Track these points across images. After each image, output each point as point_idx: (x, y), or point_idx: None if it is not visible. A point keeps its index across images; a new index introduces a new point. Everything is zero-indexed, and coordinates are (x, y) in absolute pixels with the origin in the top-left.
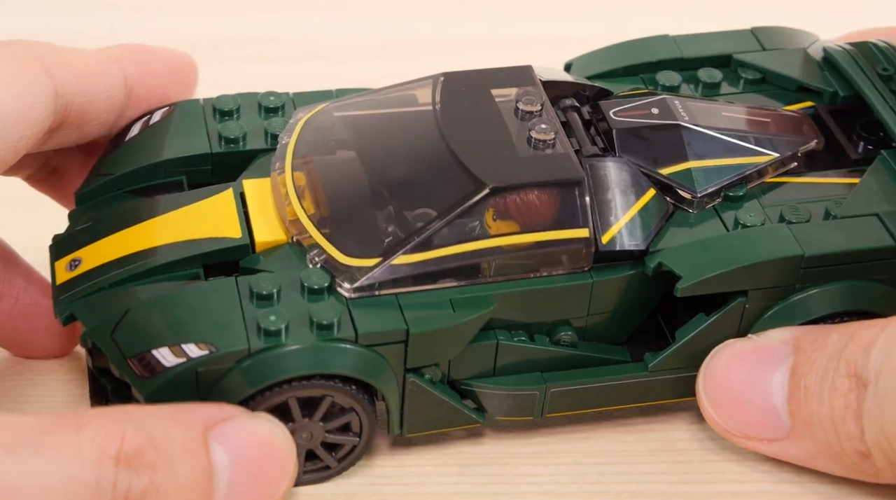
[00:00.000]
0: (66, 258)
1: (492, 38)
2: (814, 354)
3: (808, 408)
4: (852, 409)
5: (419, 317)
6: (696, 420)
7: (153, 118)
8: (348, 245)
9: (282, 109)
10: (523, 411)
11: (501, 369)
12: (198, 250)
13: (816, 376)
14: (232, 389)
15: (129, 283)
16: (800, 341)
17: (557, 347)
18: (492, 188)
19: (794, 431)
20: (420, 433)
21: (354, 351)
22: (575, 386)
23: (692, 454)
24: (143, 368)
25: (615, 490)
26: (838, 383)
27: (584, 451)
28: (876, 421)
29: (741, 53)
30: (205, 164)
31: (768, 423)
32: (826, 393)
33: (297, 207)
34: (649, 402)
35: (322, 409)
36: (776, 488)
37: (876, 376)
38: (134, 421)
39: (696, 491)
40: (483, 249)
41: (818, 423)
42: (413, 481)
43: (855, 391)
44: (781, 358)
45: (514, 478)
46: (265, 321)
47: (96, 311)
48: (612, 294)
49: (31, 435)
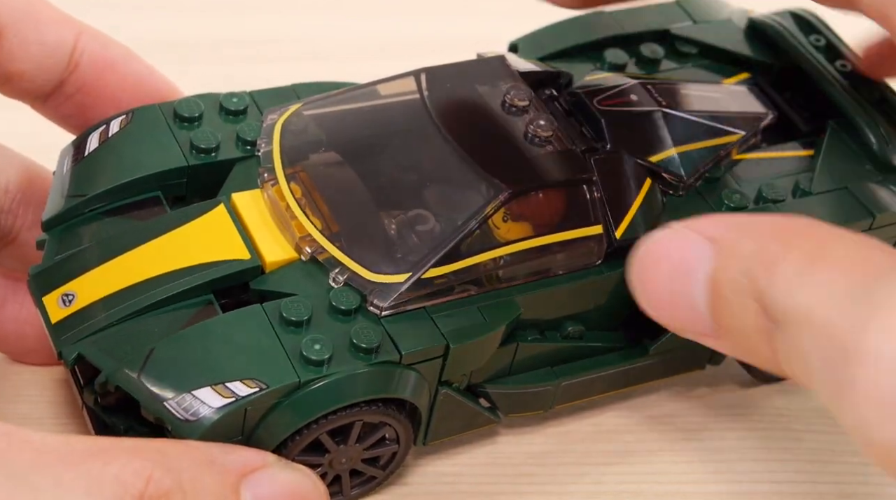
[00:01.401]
0: (56, 292)
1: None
2: (729, 261)
3: (726, 318)
4: (763, 335)
5: (455, 331)
6: (696, 420)
7: (111, 128)
8: (372, 261)
9: (245, 112)
10: (535, 406)
11: (516, 368)
12: (207, 277)
13: (730, 289)
14: (281, 424)
15: (138, 316)
16: (720, 241)
17: (567, 341)
18: (511, 192)
19: (718, 333)
20: (439, 439)
21: (402, 372)
22: (584, 378)
23: (692, 454)
24: (185, 411)
25: (615, 490)
26: (747, 304)
27: (584, 451)
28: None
29: (676, 27)
30: (180, 177)
31: (697, 321)
32: (739, 309)
33: (306, 222)
34: (647, 382)
35: (355, 434)
36: (776, 488)
37: (784, 316)
38: (165, 463)
39: (696, 491)
40: (506, 254)
41: (737, 333)
42: (412, 480)
43: (763, 317)
44: (702, 258)
45: (514, 478)
46: (310, 350)
47: (110, 351)
48: (622, 285)
49: (54, 462)
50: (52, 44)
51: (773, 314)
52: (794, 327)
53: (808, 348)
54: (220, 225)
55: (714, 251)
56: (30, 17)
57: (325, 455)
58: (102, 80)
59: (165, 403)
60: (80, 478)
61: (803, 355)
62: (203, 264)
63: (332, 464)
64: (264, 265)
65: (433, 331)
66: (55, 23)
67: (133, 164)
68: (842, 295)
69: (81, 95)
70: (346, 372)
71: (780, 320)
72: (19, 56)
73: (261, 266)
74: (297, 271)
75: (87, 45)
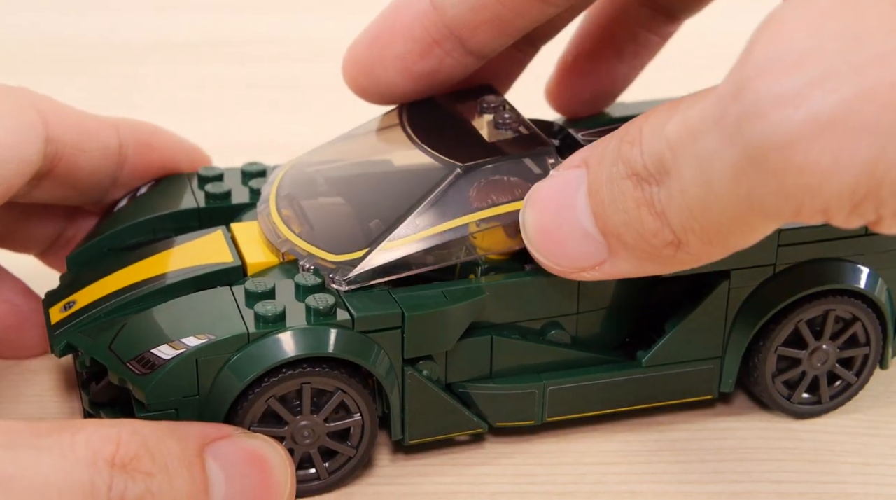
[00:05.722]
0: (60, 304)
1: None
2: (599, 166)
3: (610, 221)
4: (644, 205)
5: (414, 303)
6: (695, 420)
7: (140, 191)
8: (336, 246)
9: (262, 174)
10: (524, 414)
11: (498, 372)
12: (190, 275)
13: (607, 188)
14: (230, 381)
15: (125, 311)
16: (588, 159)
17: (551, 344)
18: (463, 168)
19: (611, 248)
20: (422, 439)
21: (352, 334)
22: (572, 384)
23: (692, 454)
24: (143, 366)
25: (615, 490)
26: (623, 186)
27: (584, 451)
28: (679, 208)
29: None
30: (193, 219)
31: (589, 249)
32: (618, 200)
33: (285, 229)
34: (649, 403)
35: (307, 400)
36: (776, 488)
37: (657, 166)
38: (129, 428)
39: (696, 491)
40: (463, 225)
41: (623, 231)
42: (412, 481)
43: (640, 188)
44: (578, 182)
45: (514, 478)
46: (262, 309)
47: (93, 336)
48: (601, 288)
49: (27, 436)
50: (103, 148)
51: (650, 171)
52: (672, 156)
53: (695, 153)
54: (214, 242)
55: (586, 170)
56: (81, 131)
57: (285, 427)
58: (147, 160)
59: (127, 363)
60: (53, 445)
61: (695, 164)
62: (188, 267)
63: (296, 438)
64: (246, 268)
65: (390, 302)
66: (100, 129)
67: (150, 209)
68: (707, 92)
69: (134, 180)
70: (292, 328)
71: (658, 169)
72: (82, 166)
73: (242, 268)
74: (274, 272)
75: (126, 136)
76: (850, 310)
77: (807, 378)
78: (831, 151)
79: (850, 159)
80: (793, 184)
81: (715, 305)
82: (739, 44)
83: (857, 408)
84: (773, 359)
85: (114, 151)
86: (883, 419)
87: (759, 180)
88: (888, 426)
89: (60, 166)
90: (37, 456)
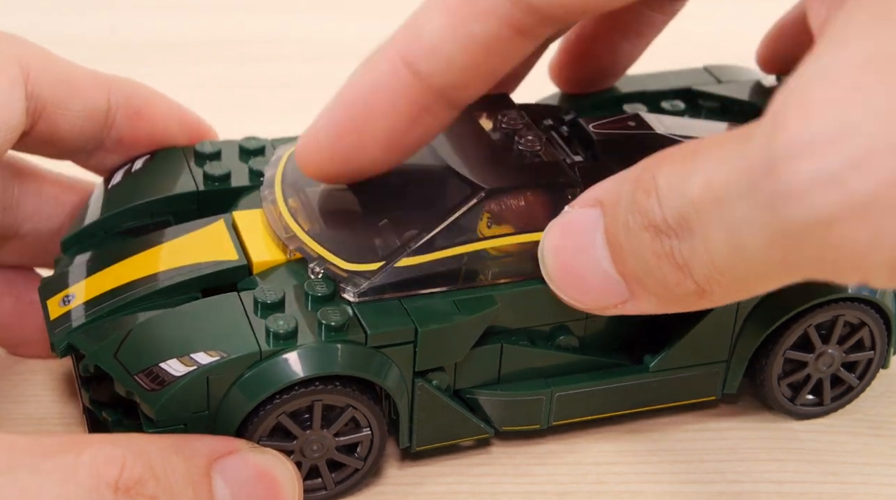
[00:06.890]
0: (58, 296)
1: None
2: (615, 211)
3: (629, 267)
4: (665, 257)
5: (426, 317)
6: (696, 420)
7: (135, 166)
8: (349, 253)
9: (262, 151)
10: (530, 419)
11: (506, 377)
12: (194, 274)
13: (624, 235)
14: (241, 398)
15: (127, 310)
16: (603, 200)
17: (559, 350)
18: (488, 191)
19: (632, 291)
20: (429, 445)
21: (364, 350)
22: (579, 390)
23: (692, 454)
24: (152, 381)
25: (615, 490)
26: (641, 237)
27: (583, 451)
28: (703, 263)
29: (700, 86)
30: (191, 203)
31: (611, 289)
32: (636, 250)
33: (293, 224)
34: (653, 406)
35: (317, 416)
36: (776, 488)
37: (679, 223)
38: (134, 448)
39: (696, 491)
40: (481, 250)
41: (644, 277)
42: (413, 481)
43: (659, 241)
44: (596, 223)
45: (514, 478)
46: (274, 325)
47: (95, 338)
48: None
49: (28, 456)
50: (89, 109)
51: (670, 225)
52: (697, 216)
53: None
54: (217, 235)
55: (602, 210)
56: (68, 88)
57: (294, 441)
58: (136, 129)
59: (135, 376)
60: (55, 468)
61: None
62: (192, 264)
63: (304, 452)
64: (252, 266)
65: (403, 316)
66: (89, 88)
67: (147, 190)
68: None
69: (121, 146)
70: (305, 346)
71: (681, 225)
72: (63, 126)
73: (248, 267)
74: (282, 271)
75: (118, 100)
76: (859, 315)
77: (811, 381)
78: (871, 229)
79: (890, 237)
80: (831, 257)
81: (724, 311)
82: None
83: (858, 408)
84: (779, 362)
85: (100, 113)
86: (884, 420)
87: (796, 250)
88: (889, 427)
89: (40, 124)
90: (39, 482)
